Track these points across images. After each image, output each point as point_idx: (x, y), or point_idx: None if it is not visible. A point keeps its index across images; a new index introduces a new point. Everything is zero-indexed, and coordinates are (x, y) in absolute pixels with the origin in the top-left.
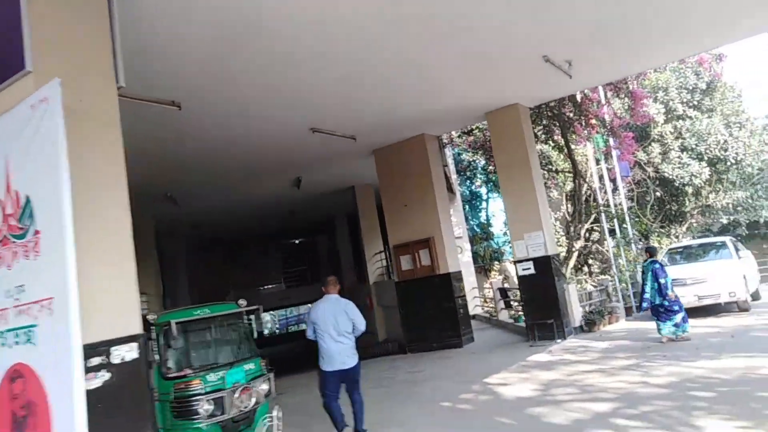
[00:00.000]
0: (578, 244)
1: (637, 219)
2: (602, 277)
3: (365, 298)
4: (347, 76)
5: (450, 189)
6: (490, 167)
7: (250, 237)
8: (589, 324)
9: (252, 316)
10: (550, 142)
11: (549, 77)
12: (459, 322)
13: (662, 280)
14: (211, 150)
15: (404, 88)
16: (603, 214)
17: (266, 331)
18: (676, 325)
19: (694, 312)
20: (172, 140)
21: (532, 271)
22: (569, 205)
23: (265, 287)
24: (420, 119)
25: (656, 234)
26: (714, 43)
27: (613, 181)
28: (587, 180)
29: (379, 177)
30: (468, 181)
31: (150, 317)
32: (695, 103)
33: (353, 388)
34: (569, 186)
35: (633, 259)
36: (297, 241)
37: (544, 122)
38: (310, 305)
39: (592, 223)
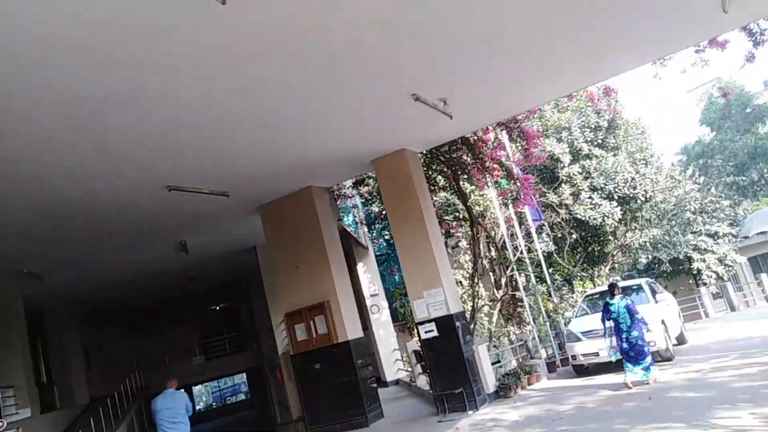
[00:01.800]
0: (500, 294)
1: (556, 264)
2: (519, 331)
3: (276, 372)
4: (207, 124)
5: (358, 244)
6: None
7: (159, 305)
8: (504, 389)
9: None
10: (450, 189)
11: (430, 119)
12: (362, 396)
13: (639, 316)
14: (60, 218)
15: (278, 137)
16: (513, 264)
17: (200, 406)
18: (646, 369)
19: (613, 367)
20: (13, 211)
21: (435, 333)
22: (471, 256)
23: (181, 362)
24: (303, 170)
25: (579, 278)
26: (585, 81)
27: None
28: (487, 227)
29: (267, 237)
30: (384, 232)
31: None
32: (599, 141)
33: None
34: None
35: (554, 308)
36: (216, 308)
37: (439, 168)
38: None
39: (512, 271)
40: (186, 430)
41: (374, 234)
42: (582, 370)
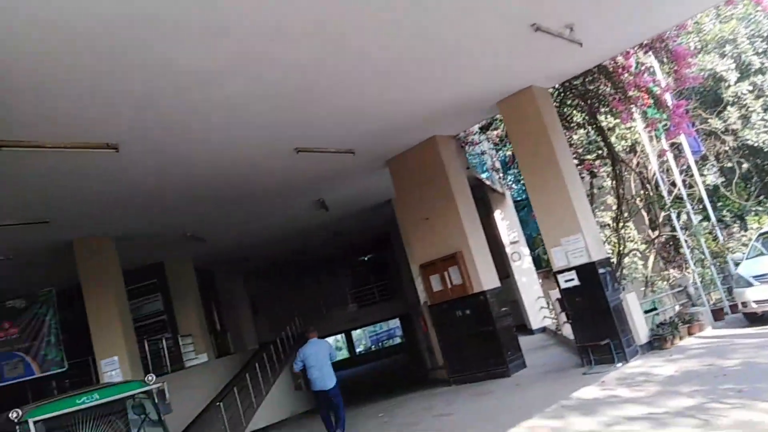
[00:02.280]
0: (654, 235)
1: (725, 199)
2: (681, 275)
3: (419, 320)
4: (319, 84)
5: (493, 191)
6: None
7: (313, 259)
8: (659, 339)
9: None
10: (590, 125)
11: (558, 49)
12: (502, 347)
13: None
14: (210, 186)
15: (396, 88)
16: (667, 202)
17: (360, 348)
18: None
19: None
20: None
21: (575, 282)
22: (615, 197)
23: (336, 310)
24: (425, 119)
25: (753, 213)
26: None
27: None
28: (635, 164)
29: (396, 190)
30: (521, 177)
31: (12, 414)
32: None
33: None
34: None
35: (720, 248)
36: (365, 258)
37: (574, 102)
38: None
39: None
40: (330, 373)
41: (510, 180)
42: (755, 319)
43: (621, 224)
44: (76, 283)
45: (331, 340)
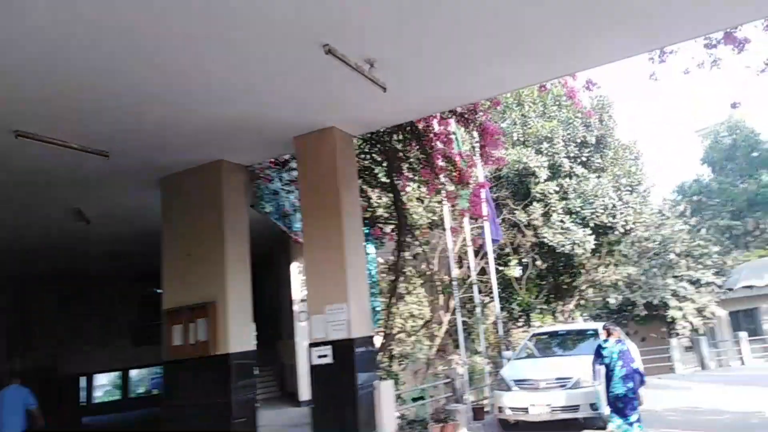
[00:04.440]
0: (446, 318)
1: (515, 293)
2: (449, 367)
3: None
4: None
5: (296, 240)
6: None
7: (94, 282)
8: None
9: None
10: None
11: (362, 91)
12: (231, 427)
13: (635, 365)
14: None
15: (178, 94)
16: (451, 286)
17: (141, 390)
18: (638, 421)
19: (550, 428)
20: None
21: (329, 359)
22: (390, 269)
23: (114, 342)
24: (212, 138)
25: (538, 311)
26: (563, 67)
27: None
28: (426, 237)
29: (163, 213)
30: None
31: None
32: (584, 159)
33: None
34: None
35: (497, 341)
36: (156, 291)
37: (377, 158)
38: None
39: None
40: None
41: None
42: (508, 426)
43: (393, 300)
44: None
45: (104, 378)
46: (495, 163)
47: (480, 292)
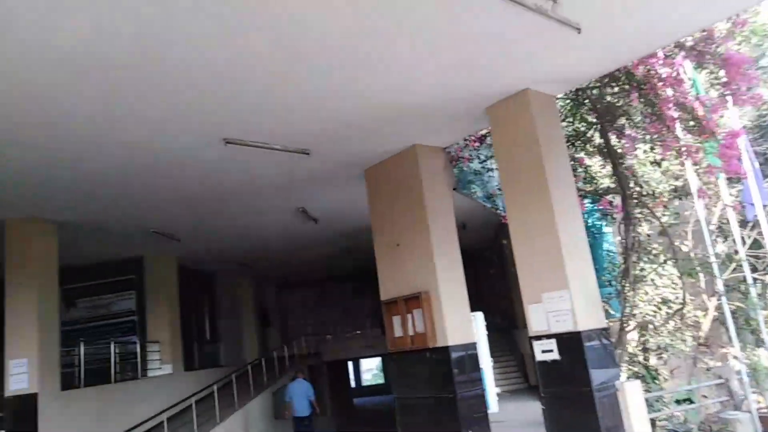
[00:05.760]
0: (711, 304)
1: None
2: (720, 364)
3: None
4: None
5: None
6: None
7: (339, 278)
8: None
9: None
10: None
11: (554, 38)
12: (460, 422)
13: None
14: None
15: (362, 80)
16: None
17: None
18: None
19: None
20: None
21: (555, 355)
22: (620, 247)
23: (361, 332)
24: (406, 124)
25: None
26: None
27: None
28: (656, 208)
29: (370, 205)
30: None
31: None
32: None
33: None
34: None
35: None
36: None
37: (589, 118)
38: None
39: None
40: (306, 405)
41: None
42: None
43: (626, 284)
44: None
45: (370, 362)
46: (750, 102)
47: (754, 270)
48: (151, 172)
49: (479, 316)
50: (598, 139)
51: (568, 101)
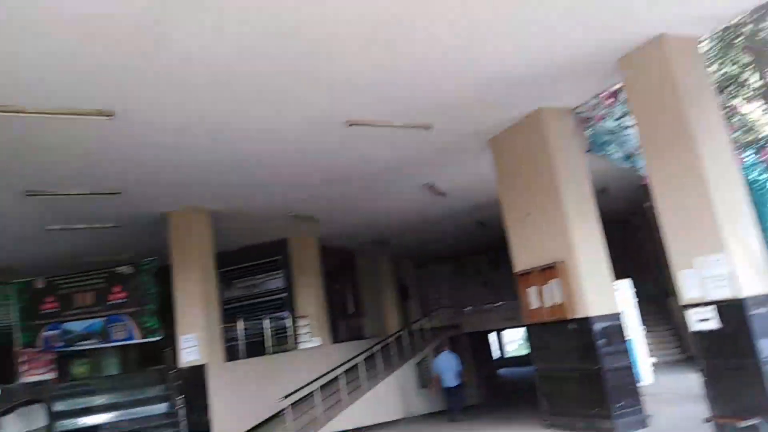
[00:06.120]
0: None
1: None
2: None
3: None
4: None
5: None
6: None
7: (474, 250)
8: None
9: None
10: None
11: None
12: (608, 395)
13: None
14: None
15: (481, 44)
16: None
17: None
18: None
19: None
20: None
21: (714, 325)
22: None
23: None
24: (526, 84)
25: None
26: None
27: None
28: None
29: (498, 177)
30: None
31: None
32: None
33: None
34: None
35: None
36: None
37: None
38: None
39: None
40: (453, 376)
41: None
42: None
43: None
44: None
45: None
46: None
47: None
48: (283, 159)
49: (626, 284)
50: (756, 82)
51: (714, 42)
